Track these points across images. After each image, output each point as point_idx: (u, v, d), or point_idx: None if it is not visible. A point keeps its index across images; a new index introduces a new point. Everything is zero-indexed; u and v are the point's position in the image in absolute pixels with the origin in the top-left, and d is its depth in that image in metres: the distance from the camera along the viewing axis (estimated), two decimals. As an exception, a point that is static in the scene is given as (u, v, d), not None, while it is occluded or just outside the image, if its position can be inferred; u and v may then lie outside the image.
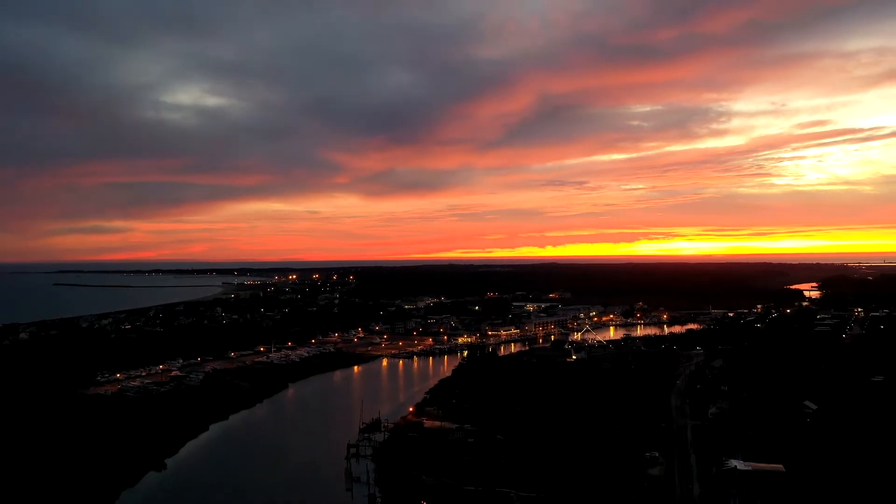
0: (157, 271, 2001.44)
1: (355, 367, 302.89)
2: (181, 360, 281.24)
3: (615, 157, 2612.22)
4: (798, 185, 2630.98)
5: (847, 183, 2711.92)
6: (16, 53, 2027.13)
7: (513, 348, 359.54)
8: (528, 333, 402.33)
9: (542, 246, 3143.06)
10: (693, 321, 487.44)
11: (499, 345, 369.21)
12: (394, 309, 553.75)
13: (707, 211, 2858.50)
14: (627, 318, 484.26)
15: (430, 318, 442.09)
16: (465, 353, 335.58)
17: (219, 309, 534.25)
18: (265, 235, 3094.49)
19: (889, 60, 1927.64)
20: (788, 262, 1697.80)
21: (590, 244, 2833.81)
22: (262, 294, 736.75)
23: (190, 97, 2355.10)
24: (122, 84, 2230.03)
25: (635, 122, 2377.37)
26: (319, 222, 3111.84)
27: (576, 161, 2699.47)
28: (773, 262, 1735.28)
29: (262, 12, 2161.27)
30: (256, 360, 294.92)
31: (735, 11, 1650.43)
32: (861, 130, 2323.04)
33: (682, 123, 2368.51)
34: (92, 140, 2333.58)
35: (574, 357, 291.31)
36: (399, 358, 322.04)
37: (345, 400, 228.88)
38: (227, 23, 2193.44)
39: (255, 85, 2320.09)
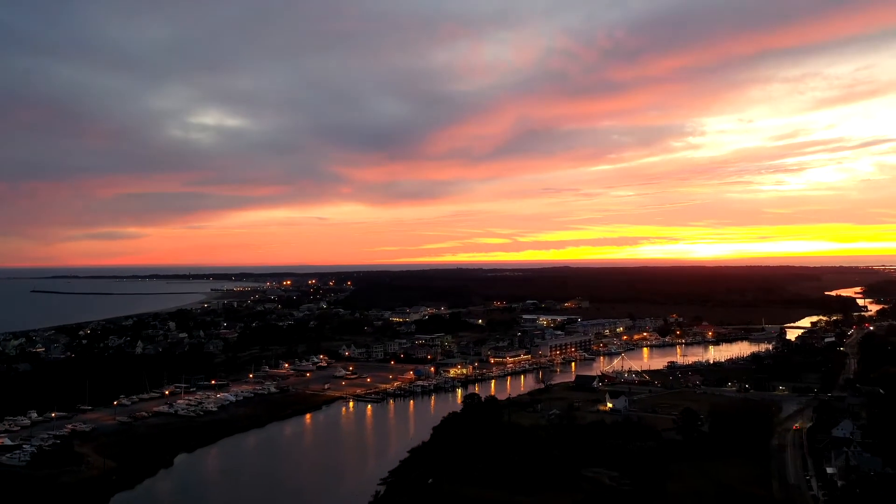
0: (154, 276, 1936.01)
1: (307, 416, 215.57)
2: (34, 414, 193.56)
3: (603, 167, 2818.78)
4: (784, 192, 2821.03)
5: (832, 189, 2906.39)
6: (57, 88, 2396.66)
7: (522, 383, 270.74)
8: (541, 360, 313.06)
9: (546, 250, 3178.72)
10: (745, 339, 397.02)
11: (504, 377, 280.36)
12: (381, 323, 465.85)
13: (702, 216, 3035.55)
14: (664, 335, 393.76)
15: (419, 339, 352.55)
16: (459, 391, 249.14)
17: (171, 324, 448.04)
18: (275, 240, 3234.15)
19: (834, 85, 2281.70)
20: (811, 266, 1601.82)
21: (593, 247, 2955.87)
22: (235, 305, 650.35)
23: (213, 119, 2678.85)
24: (151, 109, 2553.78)
25: (615, 136, 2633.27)
26: (327, 228, 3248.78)
27: (564, 172, 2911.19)
28: (796, 265, 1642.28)
29: (275, 53, 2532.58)
30: (156, 408, 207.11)
31: (669, 61, 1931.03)
32: (830, 142, 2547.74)
33: (660, 138, 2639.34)
34: (121, 157, 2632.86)
35: (609, 405, 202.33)
36: (367, 402, 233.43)
37: (248, 493, 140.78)
38: (245, 61, 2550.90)
39: (269, 111, 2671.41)
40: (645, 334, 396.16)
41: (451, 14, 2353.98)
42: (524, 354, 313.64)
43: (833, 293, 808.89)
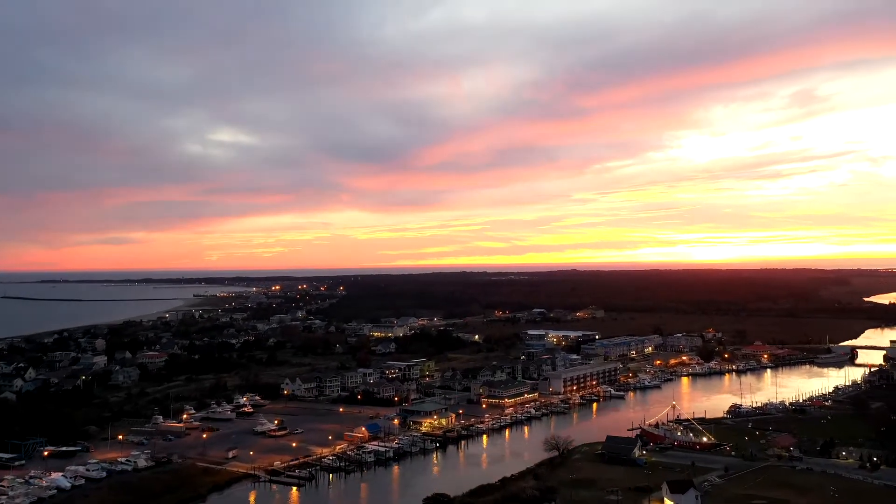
0: (147, 280, 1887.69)
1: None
2: None
3: (588, 176, 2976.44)
4: (769, 197, 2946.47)
5: (813, 194, 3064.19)
6: (83, 113, 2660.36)
7: (526, 438, 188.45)
8: (552, 399, 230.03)
9: (547, 252, 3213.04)
10: (808, 362, 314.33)
11: (501, 430, 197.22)
12: (355, 340, 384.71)
13: (696, 220, 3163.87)
14: (707, 359, 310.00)
15: (392, 369, 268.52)
16: (436, 455, 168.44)
17: (100, 342, 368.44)
18: (279, 245, 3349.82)
19: (790, 104, 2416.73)
20: (830, 269, 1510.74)
21: (593, 250, 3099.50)
22: (198, 315, 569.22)
23: (228, 136, 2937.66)
24: (167, 129, 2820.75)
25: (596, 149, 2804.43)
26: (328, 232, 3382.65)
27: (551, 182, 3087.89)
28: (812, 268, 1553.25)
29: (279, 85, 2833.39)
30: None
31: (627, 91, 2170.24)
32: (800, 151, 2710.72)
33: (639, 150, 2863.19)
34: (135, 171, 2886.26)
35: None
36: (287, 482, 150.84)
37: None
38: (254, 91, 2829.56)
39: (275, 132, 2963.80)
40: (684, 358, 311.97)
41: (426, 57, 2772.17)
42: (528, 393, 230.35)
43: (878, 300, 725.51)
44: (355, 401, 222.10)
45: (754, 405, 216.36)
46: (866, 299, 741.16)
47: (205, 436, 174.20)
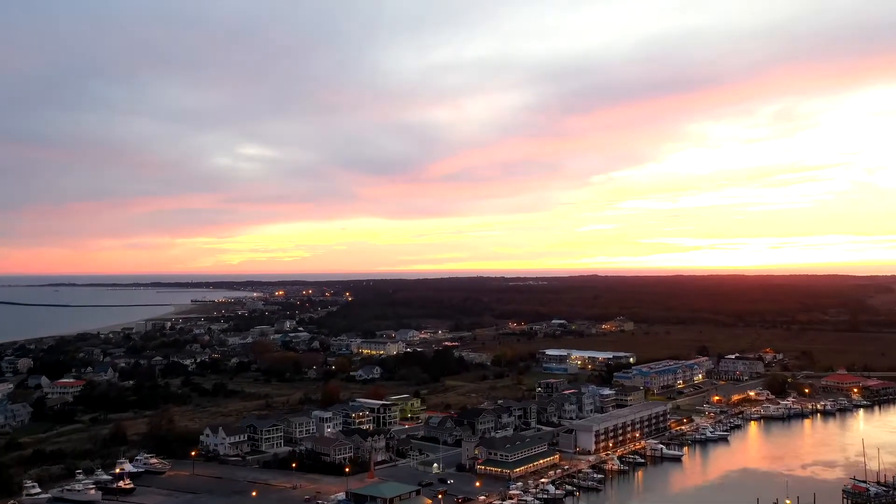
0: (156, 284, 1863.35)
1: None
2: None
3: (591, 185, 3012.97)
4: (774, 206, 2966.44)
5: (816, 202, 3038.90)
6: (128, 135, 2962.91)
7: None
8: (580, 464, 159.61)
9: (563, 257, 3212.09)
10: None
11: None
12: (333, 362, 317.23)
13: (704, 228, 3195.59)
14: (780, 394, 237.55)
15: (360, 412, 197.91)
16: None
17: (24, 362, 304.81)
18: (300, 250, 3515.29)
19: (775, 121, 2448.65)
20: (865, 275, 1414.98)
21: (609, 255, 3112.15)
22: (168, 326, 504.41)
23: (253, 150, 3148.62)
24: (195, 146, 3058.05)
25: (595, 161, 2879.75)
26: (347, 238, 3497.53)
27: (560, 192, 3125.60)
28: (844, 274, 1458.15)
29: (300, 107, 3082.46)
30: None
31: (618, 111, 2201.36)
32: (795, 162, 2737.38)
33: (639, 162, 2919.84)
34: (164, 182, 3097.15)
35: None
36: None
37: None
38: (277, 113, 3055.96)
39: (297, 147, 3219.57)
40: (750, 393, 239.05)
41: (433, 87, 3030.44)
42: (545, 456, 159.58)
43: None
44: (295, 465, 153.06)
45: (877, 478, 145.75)
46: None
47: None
